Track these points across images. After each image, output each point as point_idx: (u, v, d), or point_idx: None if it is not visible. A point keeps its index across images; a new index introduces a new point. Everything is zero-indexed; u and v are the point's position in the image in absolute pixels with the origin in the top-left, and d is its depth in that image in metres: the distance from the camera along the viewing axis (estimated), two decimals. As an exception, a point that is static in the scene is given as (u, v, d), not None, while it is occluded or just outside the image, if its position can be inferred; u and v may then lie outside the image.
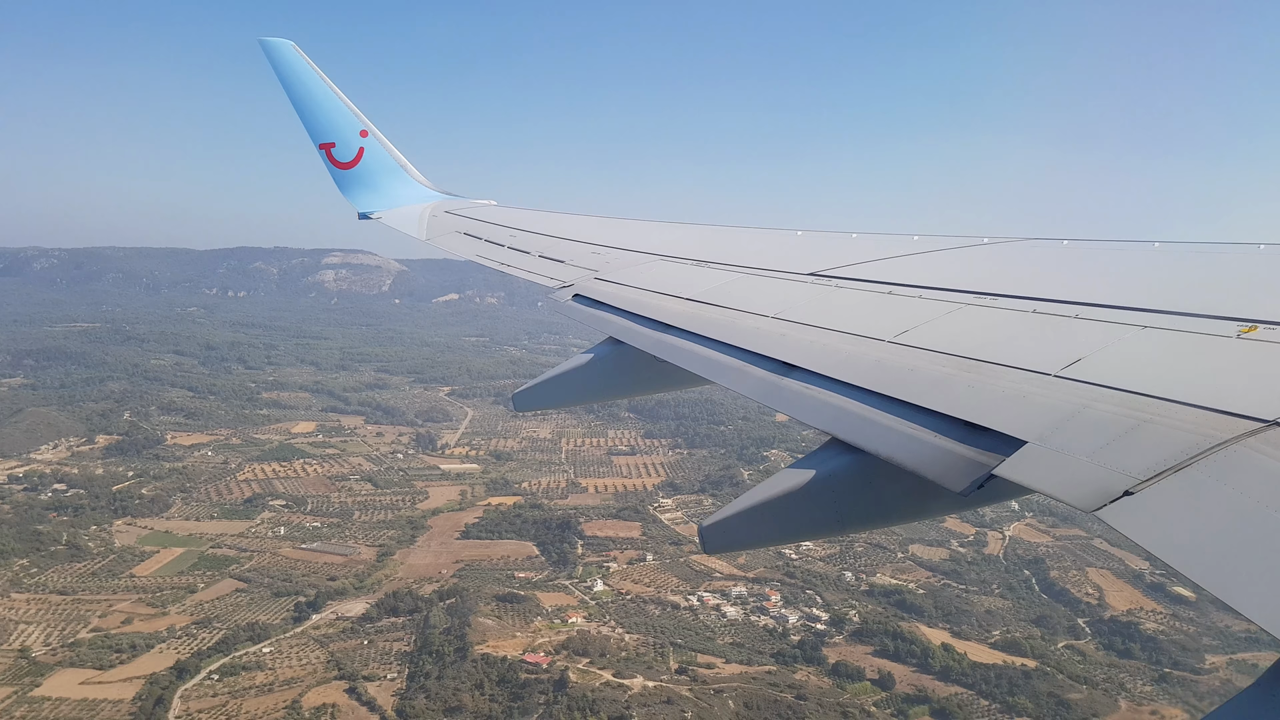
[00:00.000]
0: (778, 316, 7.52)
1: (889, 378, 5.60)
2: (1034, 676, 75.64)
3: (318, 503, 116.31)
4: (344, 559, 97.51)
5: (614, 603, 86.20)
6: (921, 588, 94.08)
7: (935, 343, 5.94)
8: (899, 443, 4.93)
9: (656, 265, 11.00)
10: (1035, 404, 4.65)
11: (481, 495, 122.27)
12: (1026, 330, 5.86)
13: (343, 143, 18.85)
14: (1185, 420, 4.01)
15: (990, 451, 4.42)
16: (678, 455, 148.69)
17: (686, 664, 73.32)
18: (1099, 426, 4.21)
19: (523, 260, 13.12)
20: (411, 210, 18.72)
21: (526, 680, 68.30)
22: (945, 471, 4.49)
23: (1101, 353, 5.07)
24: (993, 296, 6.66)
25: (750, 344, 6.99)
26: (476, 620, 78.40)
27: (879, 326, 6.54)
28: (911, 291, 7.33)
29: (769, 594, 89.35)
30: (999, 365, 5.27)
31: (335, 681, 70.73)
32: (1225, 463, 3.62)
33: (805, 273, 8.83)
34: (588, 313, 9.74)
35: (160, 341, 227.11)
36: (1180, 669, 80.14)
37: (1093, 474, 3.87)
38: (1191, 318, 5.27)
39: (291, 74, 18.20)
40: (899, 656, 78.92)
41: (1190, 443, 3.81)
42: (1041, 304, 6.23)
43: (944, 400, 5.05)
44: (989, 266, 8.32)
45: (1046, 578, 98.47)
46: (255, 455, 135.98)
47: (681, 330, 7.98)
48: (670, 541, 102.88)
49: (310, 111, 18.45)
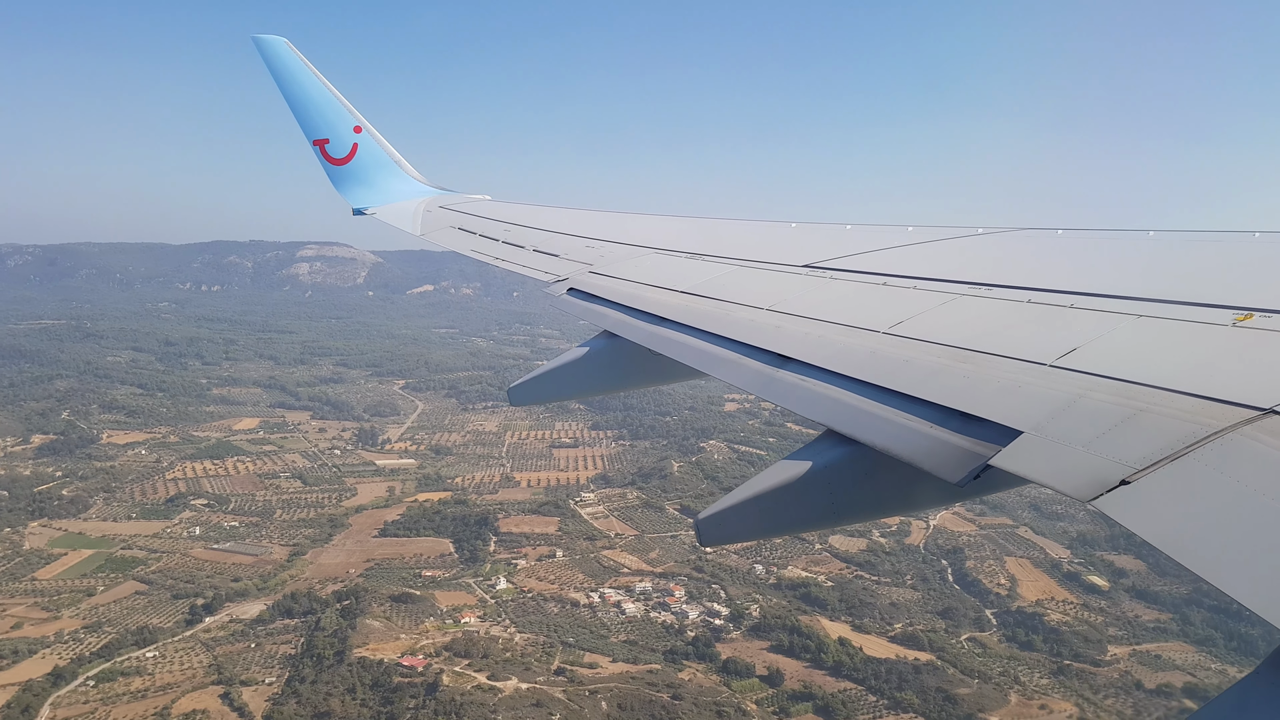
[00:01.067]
0: (772, 308, 7.54)
1: (884, 369, 5.63)
2: (924, 671, 75.00)
3: (241, 501, 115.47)
4: (254, 559, 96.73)
5: (513, 601, 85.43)
6: (831, 580, 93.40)
7: (930, 333, 5.97)
8: (895, 434, 4.95)
9: (651, 258, 11.07)
10: (1031, 394, 4.68)
11: (411, 491, 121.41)
12: (1022, 320, 5.87)
13: (336, 139, 18.88)
14: (1181, 409, 4.03)
15: (986, 442, 4.42)
16: (620, 447, 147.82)
17: (570, 664, 72.62)
18: (1095, 416, 4.23)
19: (517, 255, 13.24)
20: (406, 206, 18.72)
21: (400, 684, 67.54)
22: (941, 462, 4.49)
23: (1097, 342, 5.08)
24: (988, 287, 6.69)
25: (745, 336, 7.04)
26: (363, 622, 77.67)
27: (874, 318, 6.57)
28: (906, 282, 7.35)
29: (673, 589, 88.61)
30: (994, 355, 5.31)
31: (212, 687, 70.01)
32: (1222, 451, 3.64)
33: (800, 264, 8.83)
34: (583, 306, 9.81)
35: (119, 338, 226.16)
36: (1081, 661, 79.50)
37: (1089, 464, 3.88)
38: (1187, 306, 5.29)
39: (285, 71, 18.22)
40: (793, 651, 78.25)
41: (1187, 431, 3.82)
42: (1037, 294, 6.24)
43: (939, 391, 5.07)
44: (984, 257, 8.39)
45: (962, 568, 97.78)
46: (190, 453, 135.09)
47: (676, 323, 8.04)
48: (585, 537, 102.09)
49: (304, 108, 18.47)
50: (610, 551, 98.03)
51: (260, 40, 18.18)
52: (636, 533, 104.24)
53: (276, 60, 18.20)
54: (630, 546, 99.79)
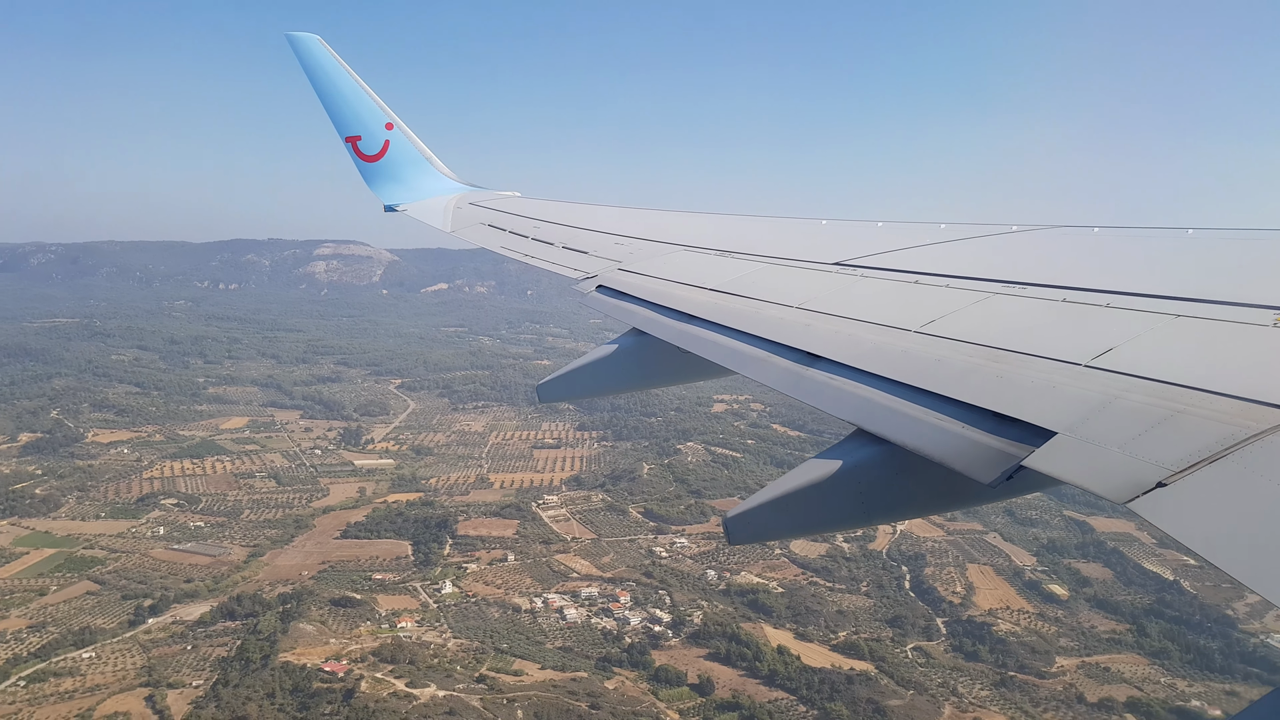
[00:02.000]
0: (802, 306, 7.52)
1: (916, 368, 5.60)
2: (859, 681, 73.70)
3: (212, 501, 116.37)
4: (212, 560, 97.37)
5: (456, 606, 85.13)
6: (783, 587, 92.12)
7: (963, 333, 5.92)
8: (926, 434, 4.91)
9: (680, 255, 11.07)
10: (1065, 394, 4.64)
11: (383, 492, 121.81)
12: (1056, 320, 5.84)
13: (369, 136, 19.04)
14: (1220, 411, 3.98)
15: (1019, 442, 4.40)
16: (601, 449, 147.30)
17: (497, 671, 72.16)
18: (1131, 417, 4.18)
19: (546, 251, 13.23)
20: (436, 202, 18.87)
21: (319, 690, 67.51)
22: (973, 463, 4.47)
23: (1133, 342, 5.03)
24: (1021, 285, 6.63)
25: (774, 334, 7.01)
26: (297, 626, 77.79)
27: (905, 316, 6.52)
28: (938, 281, 7.30)
29: (620, 595, 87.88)
30: (1028, 355, 5.26)
31: (140, 689, 70.40)
32: (1261, 454, 3.57)
33: (830, 262, 8.81)
34: (611, 303, 9.80)
35: (125, 336, 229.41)
36: (1026, 672, 77.79)
37: (1124, 465, 3.85)
38: (1226, 306, 5.22)
39: (318, 68, 18.37)
40: (730, 660, 77.30)
41: (1225, 433, 3.76)
42: (1072, 293, 6.18)
43: (972, 391, 5.04)
44: (1018, 255, 8.31)
45: (921, 575, 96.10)
46: (172, 452, 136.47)
47: (705, 321, 8.04)
48: (542, 540, 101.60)
49: (336, 105, 18.64)
50: (564, 556, 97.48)
51: (294, 38, 18.31)
52: (594, 536, 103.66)
53: (309, 57, 18.34)
54: (585, 551, 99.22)
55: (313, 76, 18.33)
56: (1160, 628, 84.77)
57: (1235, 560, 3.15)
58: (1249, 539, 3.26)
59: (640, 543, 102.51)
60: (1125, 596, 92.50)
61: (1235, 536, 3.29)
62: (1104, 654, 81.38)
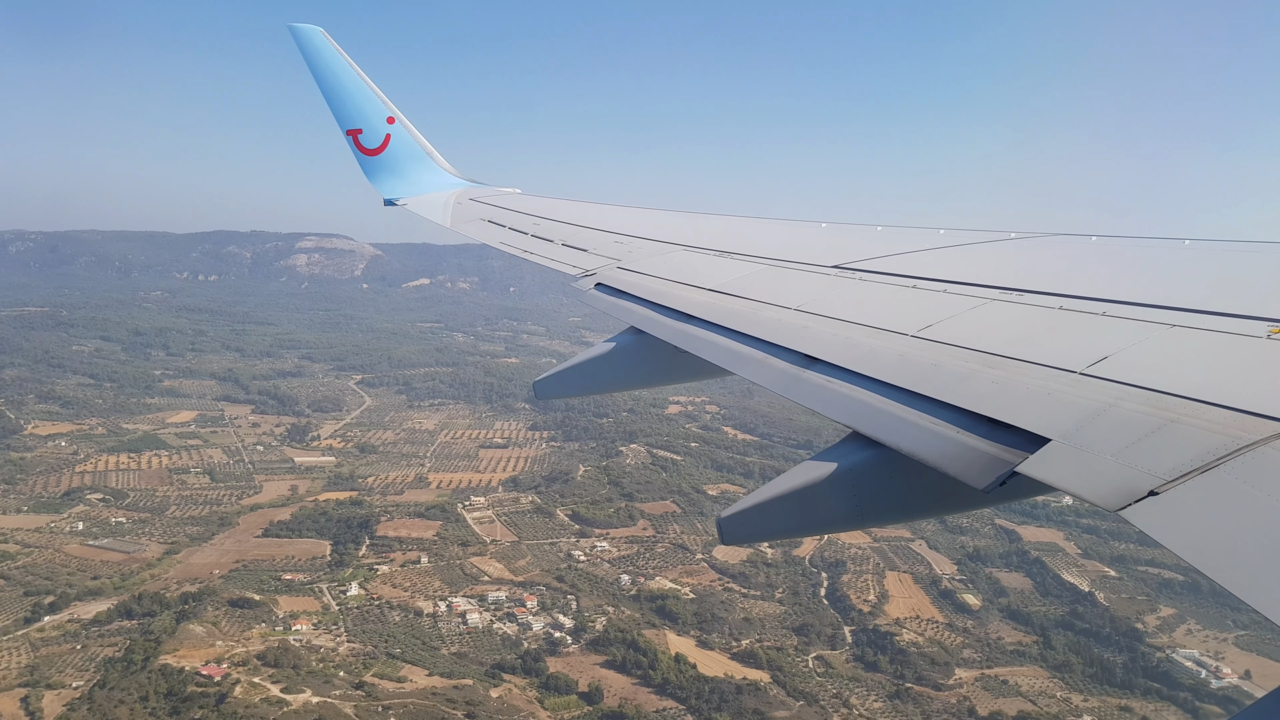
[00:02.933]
0: (800, 309, 7.55)
1: (912, 372, 5.62)
2: (746, 692, 73.06)
3: (140, 497, 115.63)
4: (125, 557, 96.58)
5: (359, 609, 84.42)
6: (696, 592, 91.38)
7: (960, 338, 5.95)
8: (921, 438, 4.94)
9: (679, 255, 11.15)
10: (1060, 401, 4.65)
11: (316, 490, 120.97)
12: (1052, 327, 5.86)
13: (370, 129, 18.95)
14: (1213, 421, 4.01)
15: (1013, 448, 4.41)
16: (550, 449, 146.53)
17: (382, 677, 71.43)
18: (1125, 425, 4.20)
19: (545, 248, 13.28)
20: (436, 197, 18.90)
21: (193, 693, 66.77)
22: (967, 468, 4.48)
23: (1128, 351, 5.05)
24: (1019, 292, 6.67)
25: (772, 336, 7.06)
26: (187, 627, 77.08)
27: (903, 320, 6.56)
28: (936, 286, 7.34)
29: (527, 600, 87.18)
30: (1024, 362, 5.28)
31: (19, 689, 69.63)
32: (1253, 465, 3.59)
33: (829, 265, 8.87)
34: (610, 302, 9.84)
35: (89, 327, 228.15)
36: (923, 684, 77.20)
37: (1117, 473, 3.86)
38: (1221, 317, 5.24)
39: (320, 60, 18.27)
40: (626, 667, 76.66)
41: (1218, 444, 3.79)
42: (1068, 300, 6.20)
43: (967, 396, 5.06)
44: (1015, 262, 8.38)
45: (838, 582, 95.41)
46: (111, 446, 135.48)
47: (703, 321, 8.07)
48: (460, 543, 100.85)
49: (338, 98, 18.53)
50: (479, 559, 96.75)
51: (296, 29, 18.16)
52: (515, 539, 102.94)
53: (312, 50, 18.19)
54: (502, 554, 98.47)
55: (315, 69, 18.22)
56: (1067, 640, 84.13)
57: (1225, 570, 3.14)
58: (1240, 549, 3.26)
59: (561, 546, 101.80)
60: (1040, 608, 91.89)
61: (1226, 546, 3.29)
62: (1006, 666, 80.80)
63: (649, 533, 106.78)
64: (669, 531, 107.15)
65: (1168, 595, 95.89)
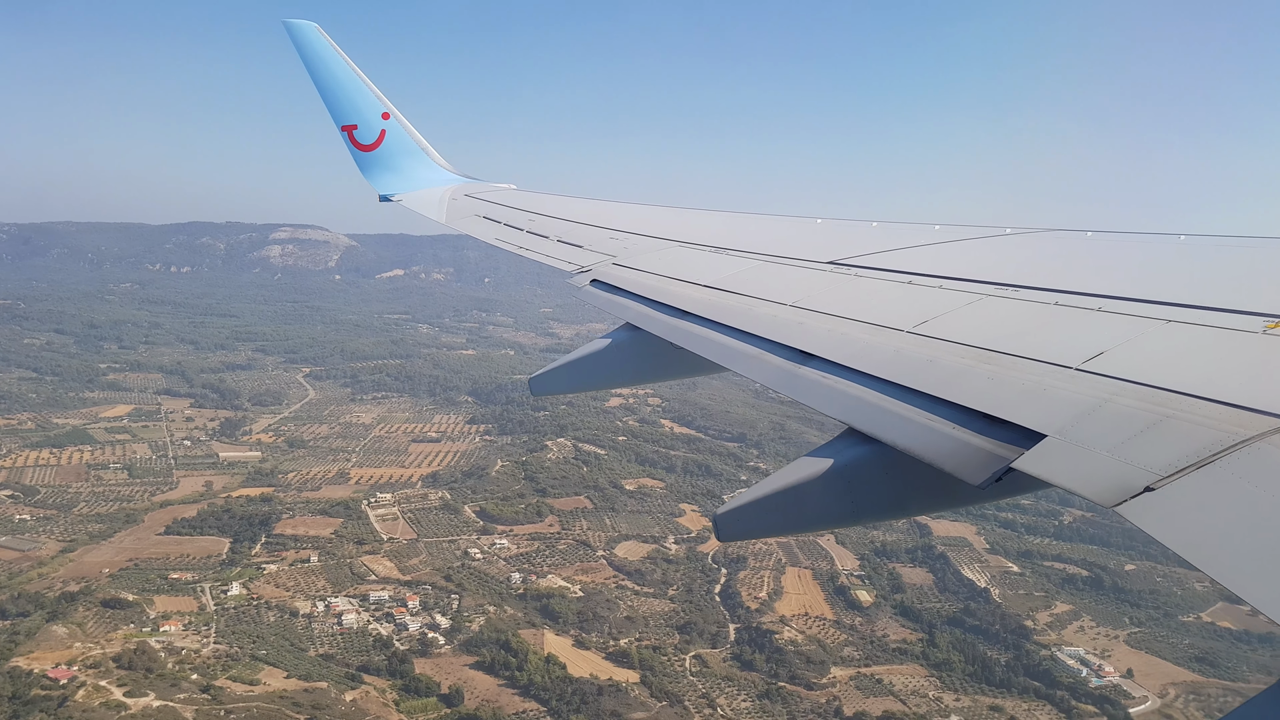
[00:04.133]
0: (796, 305, 7.54)
1: (908, 368, 5.63)
2: (608, 692, 72.25)
3: (51, 493, 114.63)
4: (19, 555, 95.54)
5: (235, 609, 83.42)
6: (586, 590, 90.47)
7: (955, 333, 5.94)
8: (917, 434, 4.93)
9: (675, 251, 11.09)
10: (1056, 397, 4.63)
11: (234, 486, 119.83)
12: (1048, 322, 5.83)
13: (365, 125, 18.90)
14: (1209, 416, 3.98)
15: (1009, 444, 4.38)
16: (484, 443, 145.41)
17: (237, 679, 70.46)
18: (1121, 421, 4.17)
19: (541, 244, 13.28)
20: (432, 193, 18.87)
21: (35, 696, 65.94)
22: (963, 464, 4.46)
23: (1124, 346, 5.03)
24: (1014, 288, 6.66)
25: (768, 332, 7.04)
26: (50, 628, 76.21)
27: (898, 316, 6.54)
28: (932, 281, 7.32)
29: (409, 599, 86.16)
30: (1020, 357, 5.28)
31: None
32: (1249, 460, 3.58)
33: (824, 261, 8.82)
34: (605, 298, 9.81)
35: (45, 319, 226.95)
36: (796, 683, 76.35)
37: (1113, 469, 3.85)
38: (1217, 312, 5.20)
39: (315, 56, 18.14)
40: (494, 668, 75.75)
41: (1214, 439, 3.77)
42: (1064, 296, 6.18)
43: (963, 392, 5.05)
44: (1011, 257, 8.36)
45: (735, 579, 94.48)
46: (35, 441, 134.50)
47: (699, 317, 8.05)
48: (356, 541, 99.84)
49: (333, 93, 18.43)
50: (371, 557, 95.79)
51: (291, 25, 17.97)
52: (414, 536, 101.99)
53: (306, 45, 18.02)
54: (396, 552, 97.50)
55: (310, 65, 18.06)
56: (952, 637, 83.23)
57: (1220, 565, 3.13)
58: (1235, 545, 3.25)
59: (460, 543, 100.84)
60: (933, 604, 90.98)
61: (1221, 542, 3.27)
62: (885, 664, 79.89)
63: (554, 529, 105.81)
64: (575, 528, 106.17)
65: (1069, 591, 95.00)
